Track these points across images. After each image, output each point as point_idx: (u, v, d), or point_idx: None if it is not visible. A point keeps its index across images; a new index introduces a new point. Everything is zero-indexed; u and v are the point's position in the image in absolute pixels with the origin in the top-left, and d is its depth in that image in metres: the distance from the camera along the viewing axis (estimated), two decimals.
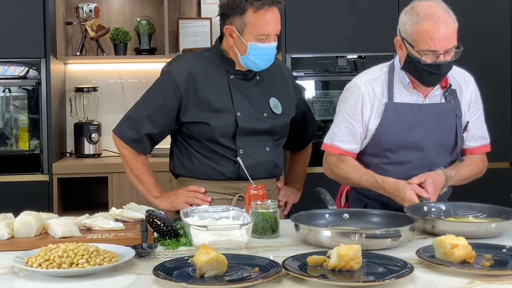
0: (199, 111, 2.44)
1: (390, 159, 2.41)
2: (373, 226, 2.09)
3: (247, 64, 2.43)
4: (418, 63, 2.27)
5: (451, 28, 2.24)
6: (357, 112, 2.41)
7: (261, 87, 2.53)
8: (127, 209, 2.22)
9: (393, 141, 2.39)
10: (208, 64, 2.49)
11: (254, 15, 2.36)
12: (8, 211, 2.12)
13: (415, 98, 2.40)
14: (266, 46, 2.39)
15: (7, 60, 3.91)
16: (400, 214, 2.10)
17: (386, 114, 2.38)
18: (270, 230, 2.06)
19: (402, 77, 2.39)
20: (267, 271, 1.61)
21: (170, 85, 2.45)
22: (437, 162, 2.39)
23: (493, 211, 2.17)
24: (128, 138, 2.50)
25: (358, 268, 1.62)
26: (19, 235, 1.97)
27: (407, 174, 2.34)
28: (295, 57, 3.99)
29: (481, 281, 1.59)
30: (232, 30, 2.40)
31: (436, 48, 2.23)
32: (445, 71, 2.29)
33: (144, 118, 2.48)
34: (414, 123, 2.38)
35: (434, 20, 2.22)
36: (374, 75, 2.44)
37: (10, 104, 3.98)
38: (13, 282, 1.65)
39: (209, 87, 2.45)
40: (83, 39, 4.34)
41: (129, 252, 1.76)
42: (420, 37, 2.24)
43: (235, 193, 2.49)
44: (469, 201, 2.31)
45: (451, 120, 2.40)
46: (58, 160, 4.07)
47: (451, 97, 2.41)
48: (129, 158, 2.53)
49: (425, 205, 2.20)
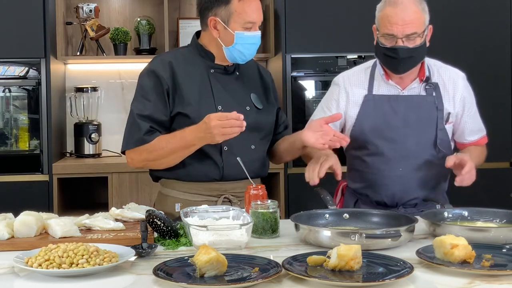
0: (179, 103, 2.38)
1: (370, 150, 2.45)
2: (373, 226, 2.09)
3: (233, 55, 2.39)
4: (380, 47, 2.38)
5: (411, 15, 2.31)
6: (331, 103, 2.52)
7: (242, 82, 2.50)
8: (127, 209, 2.22)
9: (371, 131, 2.44)
10: (187, 59, 2.45)
11: (239, 4, 2.35)
12: (8, 211, 2.12)
13: (393, 90, 2.46)
14: (252, 35, 2.38)
15: (7, 60, 3.91)
16: (400, 214, 2.12)
17: (364, 105, 2.46)
18: (270, 230, 2.06)
19: (379, 69, 2.48)
20: (267, 271, 1.61)
21: (155, 80, 2.38)
22: (416, 153, 2.43)
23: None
24: (135, 140, 2.35)
25: (358, 268, 1.62)
26: (19, 235, 1.97)
27: (387, 165, 2.41)
28: (295, 57, 3.99)
29: (481, 281, 1.59)
30: (216, 22, 2.37)
31: (394, 32, 2.32)
32: (403, 56, 2.33)
33: (141, 117, 2.36)
34: (391, 114, 2.43)
35: (396, 5, 2.32)
36: (355, 70, 2.58)
37: (10, 104, 3.98)
38: (13, 282, 1.65)
39: (189, 81, 2.40)
40: (83, 39, 4.34)
41: (129, 252, 1.76)
42: (382, 22, 2.35)
43: (220, 194, 2.41)
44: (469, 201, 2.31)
45: (431, 112, 2.44)
46: (58, 160, 4.07)
47: (431, 90, 2.45)
48: (150, 155, 2.34)
49: (446, 211, 2.20)
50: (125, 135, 2.41)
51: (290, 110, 3.96)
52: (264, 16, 4.34)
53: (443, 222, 2.11)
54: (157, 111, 2.36)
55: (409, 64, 2.37)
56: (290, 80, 3.97)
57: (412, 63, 2.38)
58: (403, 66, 2.37)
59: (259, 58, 4.47)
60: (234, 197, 2.42)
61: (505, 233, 1.95)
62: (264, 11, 4.36)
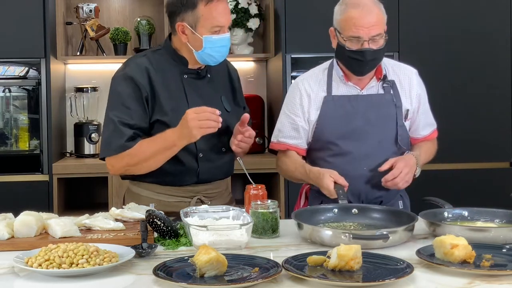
0: (158, 110, 2.38)
1: (333, 150, 2.46)
2: (373, 222, 2.14)
3: (204, 59, 2.39)
4: (344, 50, 2.38)
5: (375, 17, 2.34)
6: (296, 108, 2.51)
7: (213, 85, 2.52)
8: (127, 209, 2.22)
9: (333, 132, 2.46)
10: (162, 65, 2.44)
11: (206, 8, 2.33)
12: (8, 211, 2.12)
13: (352, 90, 2.48)
14: (221, 38, 2.36)
15: (7, 60, 3.91)
16: (402, 212, 2.14)
17: (324, 107, 2.47)
18: (270, 230, 2.06)
19: (337, 70, 2.50)
20: (267, 271, 1.61)
21: (134, 87, 2.37)
22: (379, 151, 2.44)
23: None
24: (117, 146, 2.32)
25: (358, 268, 1.63)
26: (19, 235, 1.97)
27: (351, 165, 2.42)
28: (295, 57, 3.99)
29: (481, 281, 1.59)
30: (184, 27, 2.36)
31: (360, 35, 2.33)
32: (369, 58, 2.36)
33: (123, 124, 2.33)
34: (352, 113, 2.45)
35: (359, 8, 2.34)
36: (312, 73, 2.58)
37: (10, 104, 3.98)
38: (13, 282, 1.65)
39: (165, 86, 2.40)
40: (83, 39, 4.34)
41: (129, 252, 1.76)
42: (346, 24, 2.36)
43: (193, 195, 2.45)
44: (469, 201, 2.31)
45: (390, 110, 2.46)
46: (58, 160, 4.07)
47: (389, 88, 2.48)
48: (132, 160, 2.33)
49: (446, 211, 2.21)
50: (104, 142, 2.37)
51: None
52: (264, 16, 4.37)
53: (443, 222, 2.11)
54: (138, 118, 2.35)
55: (373, 65, 2.42)
56: (290, 80, 3.97)
57: (375, 64, 2.42)
58: (368, 68, 2.41)
59: (259, 58, 4.48)
60: (206, 197, 2.47)
61: (505, 233, 1.95)
62: (264, 11, 4.39)
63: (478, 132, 4.04)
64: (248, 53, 4.41)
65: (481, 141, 4.03)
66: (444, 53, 4.02)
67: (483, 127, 4.05)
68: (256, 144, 4.31)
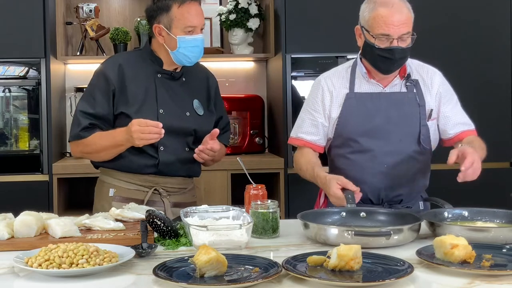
0: (123, 103, 2.53)
1: (353, 147, 2.47)
2: (379, 224, 2.12)
3: (179, 58, 2.55)
4: (373, 48, 2.38)
5: (405, 15, 2.35)
6: (317, 104, 2.53)
7: (186, 88, 2.65)
8: (127, 209, 2.22)
9: (354, 129, 2.46)
10: (137, 62, 2.61)
11: (178, 10, 2.51)
12: (8, 211, 2.13)
13: (375, 88, 2.49)
14: (194, 38, 2.52)
15: (7, 60, 3.91)
16: (407, 213, 2.15)
17: (346, 104, 2.48)
18: (270, 230, 2.06)
19: (361, 68, 2.50)
20: (267, 271, 1.61)
21: (104, 80, 2.55)
22: (400, 149, 2.45)
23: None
24: (73, 134, 2.55)
25: (358, 268, 1.63)
26: (19, 235, 1.97)
27: (371, 162, 2.43)
28: (295, 57, 3.99)
29: (481, 281, 1.59)
30: (160, 29, 2.54)
31: (390, 33, 2.34)
32: (399, 56, 2.37)
33: (83, 114, 2.54)
34: (374, 111, 2.45)
35: (389, 6, 2.35)
36: (335, 70, 2.60)
37: (10, 104, 3.98)
38: (13, 282, 1.65)
39: (136, 82, 2.56)
40: (83, 39, 4.34)
41: (129, 252, 1.76)
42: (375, 22, 2.36)
43: (151, 186, 2.57)
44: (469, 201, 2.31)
45: (413, 108, 2.46)
46: (58, 160, 4.07)
47: (412, 87, 2.48)
48: (85, 149, 2.55)
49: (446, 211, 2.21)
50: (71, 127, 2.61)
51: (290, 110, 3.96)
52: (264, 16, 4.37)
53: (443, 222, 2.11)
54: (100, 108, 2.53)
55: (401, 63, 2.43)
56: (290, 80, 3.97)
57: (403, 63, 2.44)
58: (396, 66, 2.42)
59: (259, 58, 4.48)
60: (164, 190, 2.58)
61: (505, 233, 1.95)
62: (264, 11, 4.39)
63: (478, 132, 4.03)
64: (248, 53, 4.41)
65: None
66: (444, 53, 4.01)
67: (483, 127, 4.04)
68: (256, 144, 4.31)
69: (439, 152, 2.62)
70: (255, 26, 4.34)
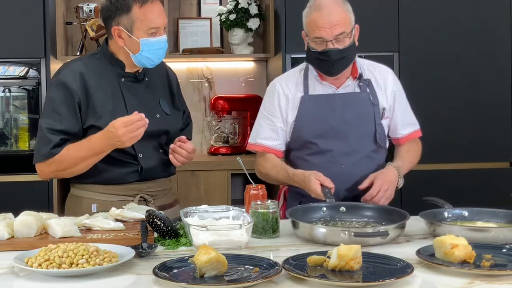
0: (92, 115, 2.36)
1: (311, 149, 2.49)
2: (367, 220, 2.16)
3: (141, 61, 2.40)
4: (311, 51, 2.42)
5: (337, 17, 2.36)
6: (275, 109, 2.54)
7: (151, 88, 2.52)
8: (127, 209, 2.22)
9: (311, 130, 2.48)
10: (98, 69, 2.43)
11: (140, 10, 2.34)
12: (8, 211, 2.12)
13: (328, 89, 2.51)
14: (158, 40, 2.38)
15: (7, 60, 3.91)
16: (393, 209, 2.17)
17: (302, 106, 2.50)
18: (270, 230, 2.06)
19: (312, 71, 2.53)
20: (267, 271, 1.61)
21: (66, 93, 2.36)
22: (357, 149, 2.47)
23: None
24: (44, 153, 2.34)
25: (358, 268, 1.63)
26: (19, 235, 1.97)
27: (329, 163, 2.44)
28: (295, 57, 3.99)
29: (481, 281, 1.59)
30: (120, 31, 2.37)
31: (322, 35, 2.36)
32: (335, 58, 2.38)
33: (51, 131, 2.34)
34: (329, 112, 2.47)
35: (320, 9, 2.37)
36: (289, 74, 2.62)
37: (10, 104, 3.98)
38: (13, 282, 1.65)
39: (101, 91, 2.39)
40: (83, 39, 4.34)
41: (129, 252, 1.76)
42: (310, 26, 2.40)
43: (135, 194, 2.46)
44: (469, 201, 2.30)
45: (367, 108, 2.49)
46: None
47: (365, 87, 2.50)
48: (60, 166, 2.34)
49: (446, 211, 2.22)
50: (35, 149, 2.40)
51: None
52: (264, 16, 4.37)
53: (443, 222, 2.11)
54: (68, 124, 2.34)
55: (342, 65, 2.43)
56: None
57: (344, 64, 2.43)
58: (336, 68, 2.42)
59: (259, 58, 4.48)
60: (149, 195, 2.48)
61: (505, 233, 1.95)
62: (264, 11, 4.39)
63: (478, 132, 4.04)
64: (248, 53, 4.41)
65: (481, 141, 4.03)
66: (444, 53, 4.01)
67: (483, 127, 4.05)
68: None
69: (439, 152, 2.63)
70: (255, 26, 4.34)
